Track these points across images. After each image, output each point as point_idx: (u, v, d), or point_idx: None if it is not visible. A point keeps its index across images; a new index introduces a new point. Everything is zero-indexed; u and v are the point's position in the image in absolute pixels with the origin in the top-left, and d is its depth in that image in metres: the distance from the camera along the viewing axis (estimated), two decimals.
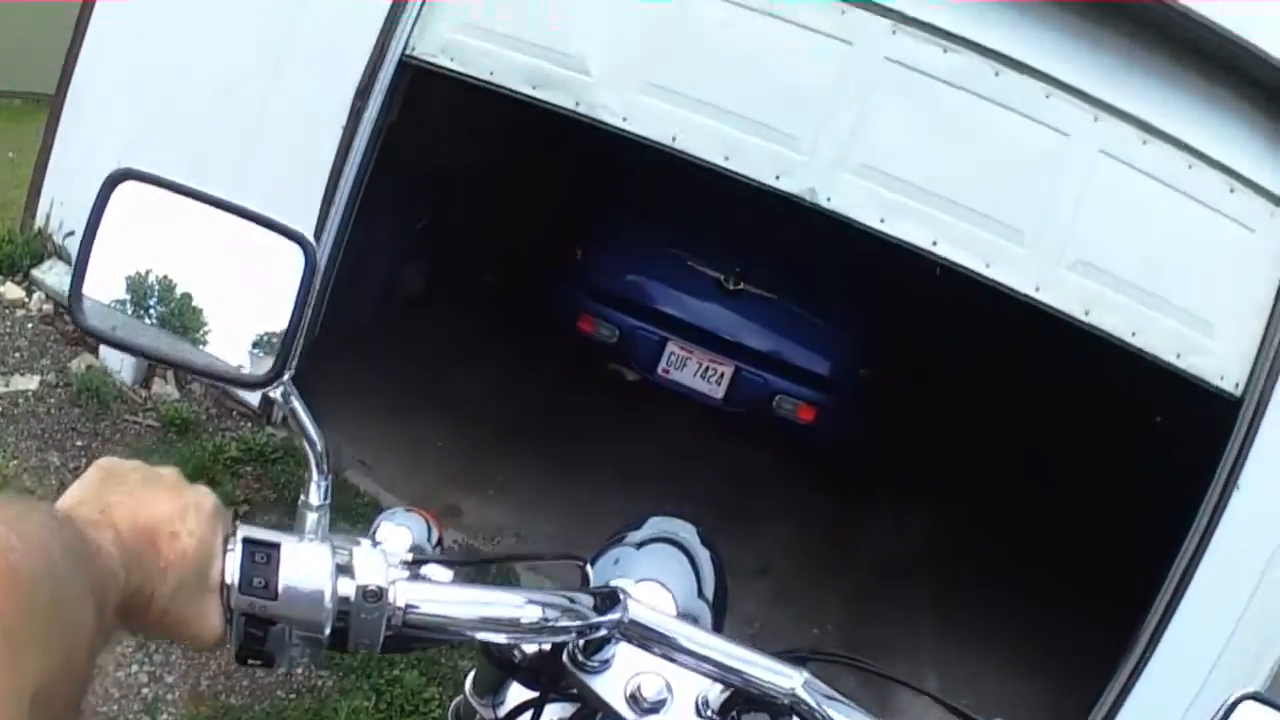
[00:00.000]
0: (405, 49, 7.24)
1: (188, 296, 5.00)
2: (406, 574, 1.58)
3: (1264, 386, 6.60)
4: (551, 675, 1.69)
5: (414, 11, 7.18)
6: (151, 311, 4.98)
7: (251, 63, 7.41)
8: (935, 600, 9.02)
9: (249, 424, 7.49)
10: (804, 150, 6.95)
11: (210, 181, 1.64)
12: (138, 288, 4.97)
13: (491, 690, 1.86)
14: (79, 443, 6.72)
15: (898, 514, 10.78)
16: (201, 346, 1.83)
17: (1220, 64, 6.71)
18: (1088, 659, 7.40)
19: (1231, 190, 6.83)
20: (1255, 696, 1.68)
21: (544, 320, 10.40)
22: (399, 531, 1.74)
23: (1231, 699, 1.67)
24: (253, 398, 7.36)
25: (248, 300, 1.69)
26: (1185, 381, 6.85)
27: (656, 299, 9.97)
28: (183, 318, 5.16)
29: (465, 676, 1.92)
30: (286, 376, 1.64)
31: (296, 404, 1.67)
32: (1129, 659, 6.75)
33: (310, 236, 1.64)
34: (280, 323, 1.66)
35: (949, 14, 6.85)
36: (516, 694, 1.79)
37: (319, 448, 1.67)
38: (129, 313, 1.89)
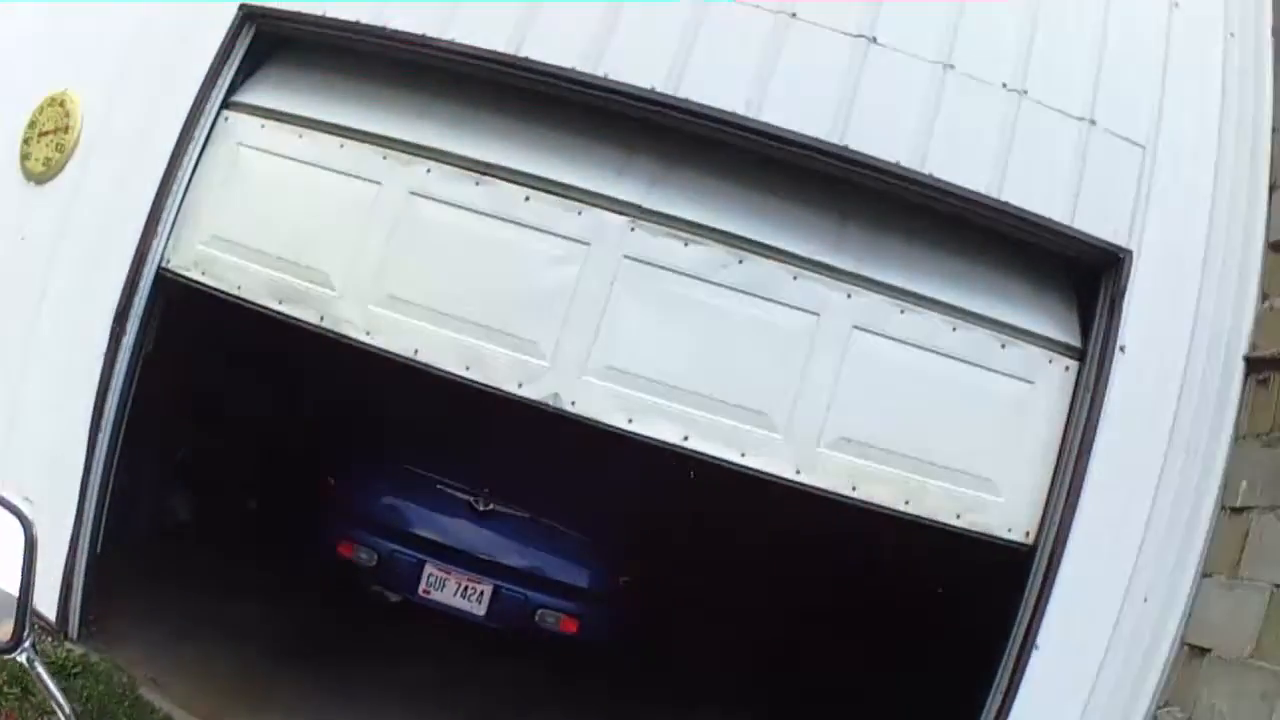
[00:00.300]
0: (161, 261, 7.24)
1: None
2: None
3: (1057, 532, 6.69)
4: None
5: (169, 222, 7.20)
6: None
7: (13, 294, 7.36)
8: None
9: (49, 639, 7.26)
10: (546, 356, 6.97)
11: None
12: None
13: None
14: None
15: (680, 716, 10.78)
16: None
17: (976, 225, 6.97)
18: None
19: (1003, 345, 7.02)
20: None
21: (307, 544, 10.40)
22: None
23: None
24: (50, 612, 7.18)
25: None
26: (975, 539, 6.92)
27: (411, 522, 10.02)
28: None
29: None
30: (27, 643, 1.57)
31: (41, 671, 1.65)
32: None
33: (27, 511, 1.58)
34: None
35: (689, 202, 7.02)
36: None
37: (66, 710, 1.60)
38: None
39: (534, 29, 7.02)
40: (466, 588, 9.70)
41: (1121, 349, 6.72)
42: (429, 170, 7.19)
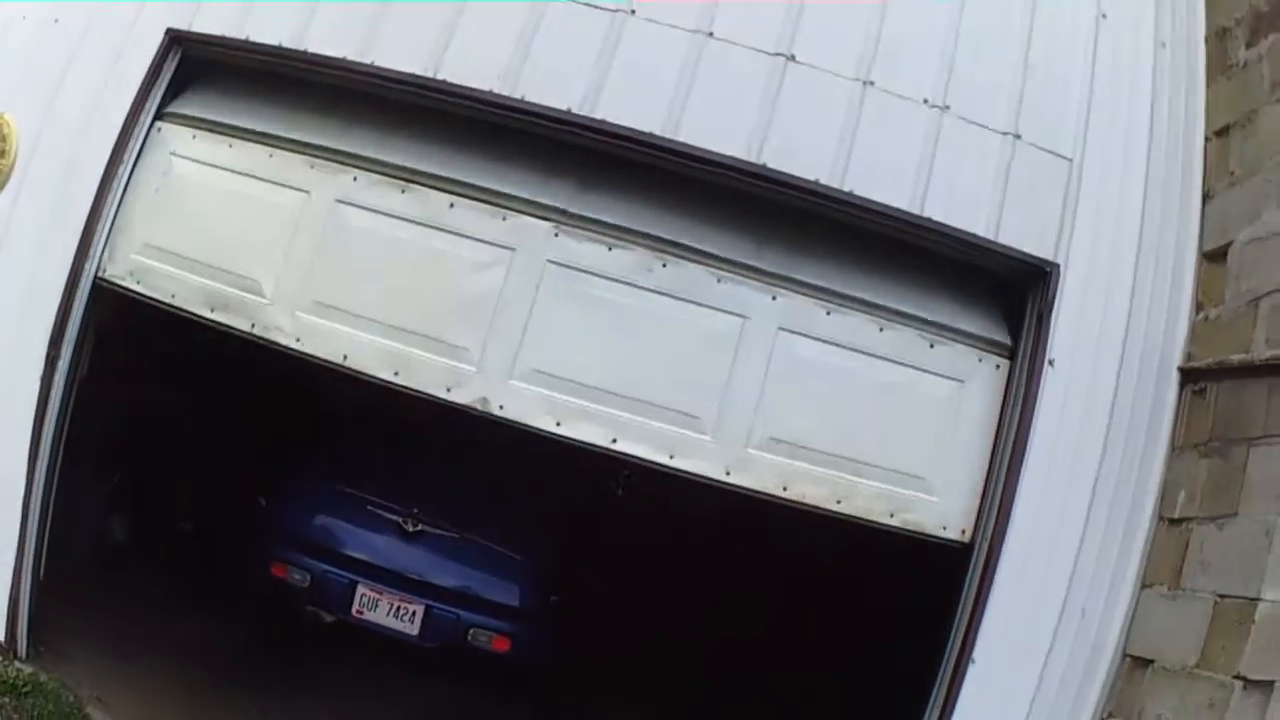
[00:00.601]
0: (99, 271, 7.23)
1: None
2: None
3: (993, 532, 6.68)
4: None
5: (105, 233, 7.20)
6: None
7: None
8: None
9: None
10: (473, 360, 7.00)
11: None
12: None
13: None
14: None
15: None
16: None
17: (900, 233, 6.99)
18: None
19: (932, 345, 7.06)
20: None
21: (241, 565, 10.38)
22: None
23: None
24: None
25: None
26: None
27: (342, 543, 10.05)
28: None
29: None
30: None
31: None
32: None
33: None
34: None
35: (612, 207, 7.08)
36: None
37: None
38: None
39: (452, 51, 7.10)
40: (399, 608, 9.73)
41: (1050, 362, 6.73)
42: (355, 178, 7.22)
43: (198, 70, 7.61)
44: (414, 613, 9.72)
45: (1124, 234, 6.91)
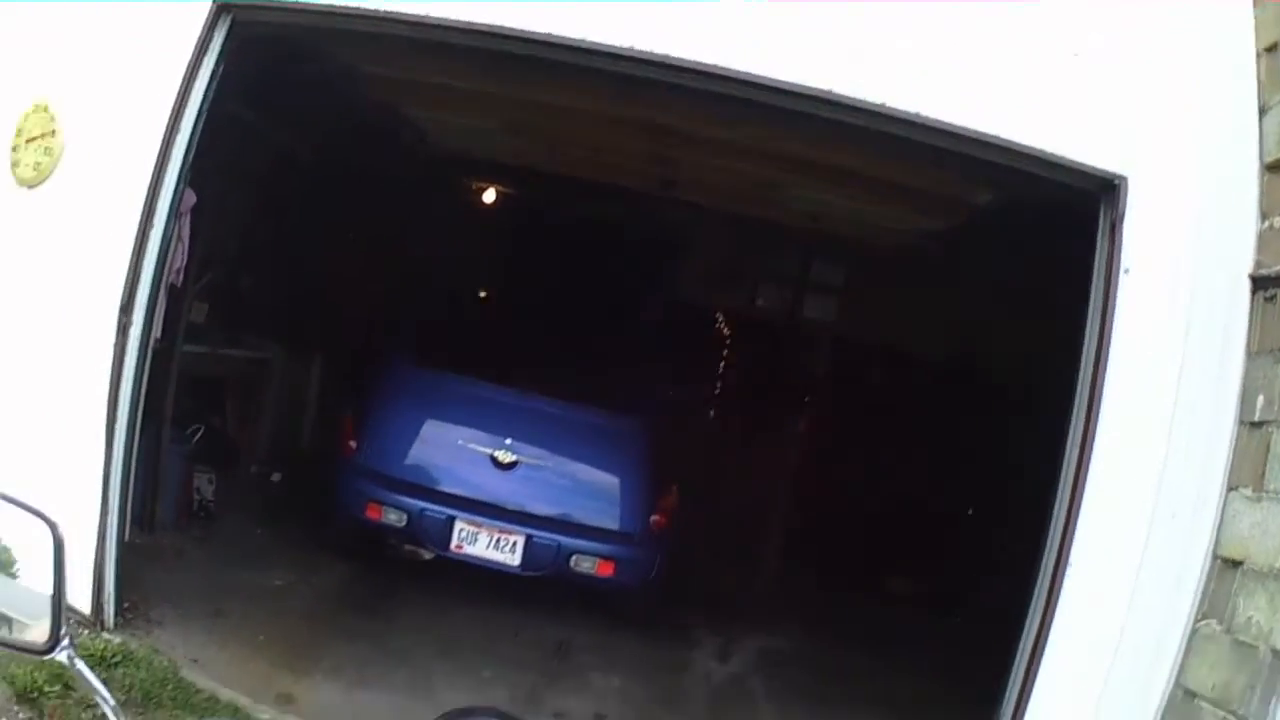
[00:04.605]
0: None
1: None
2: None
3: (1084, 432, 6.62)
4: None
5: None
6: None
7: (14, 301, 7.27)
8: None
9: (85, 630, 7.24)
10: None
11: None
12: None
13: None
14: None
15: (723, 644, 11.00)
16: None
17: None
18: None
19: None
20: None
21: (335, 512, 10.53)
22: None
23: None
24: (84, 604, 7.16)
25: None
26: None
27: (438, 480, 10.13)
28: None
29: None
30: (65, 641, 1.62)
31: (82, 667, 1.70)
32: None
33: (52, 516, 1.63)
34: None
35: None
36: None
37: (111, 703, 1.65)
38: None
39: None
40: (499, 539, 9.86)
41: (1126, 270, 6.70)
42: None
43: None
44: (514, 543, 9.86)
45: (1188, 143, 6.87)
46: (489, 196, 15.22)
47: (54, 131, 7.14)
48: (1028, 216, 8.31)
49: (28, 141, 7.14)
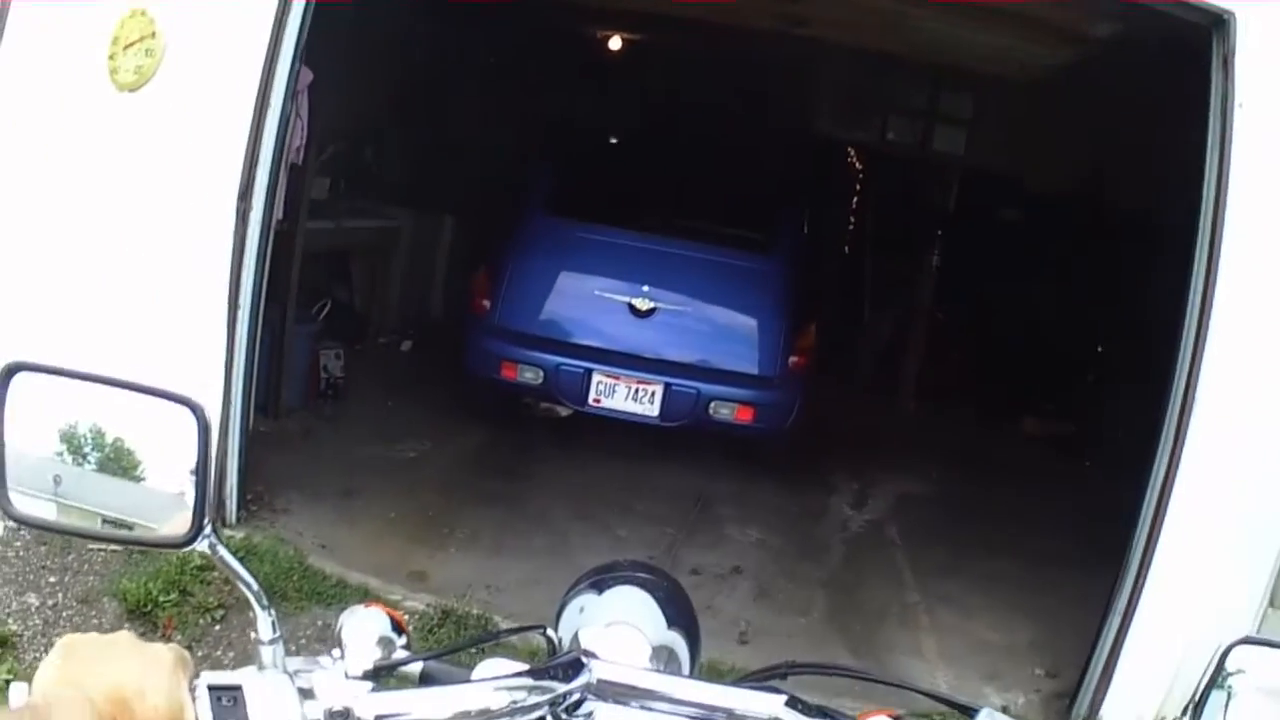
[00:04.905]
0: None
1: (119, 440, 5.07)
2: (370, 685, 1.62)
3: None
4: None
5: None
6: (90, 458, 5.08)
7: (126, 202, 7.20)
8: (913, 570, 9.10)
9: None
10: None
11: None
12: (71, 440, 5.03)
13: None
14: (51, 579, 6.65)
15: (859, 490, 11.03)
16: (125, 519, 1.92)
17: None
18: (1080, 601, 7.47)
19: None
20: (1247, 640, 1.76)
21: (468, 375, 10.47)
22: (362, 632, 1.75)
23: (1225, 645, 1.74)
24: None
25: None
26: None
27: (573, 333, 10.03)
28: (119, 460, 5.22)
29: None
30: (208, 529, 1.66)
31: (224, 553, 1.71)
32: (1118, 601, 6.67)
33: (196, 399, 1.67)
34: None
35: None
36: None
37: (254, 587, 1.69)
38: (57, 486, 1.99)
39: None
40: (637, 390, 9.81)
41: (1240, 105, 6.51)
42: None
43: None
44: (653, 393, 9.80)
45: None
46: (615, 44, 15.11)
47: (154, 33, 7.09)
48: (1150, 49, 8.11)
49: (126, 48, 7.11)
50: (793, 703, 1.65)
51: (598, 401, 9.84)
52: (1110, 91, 10.80)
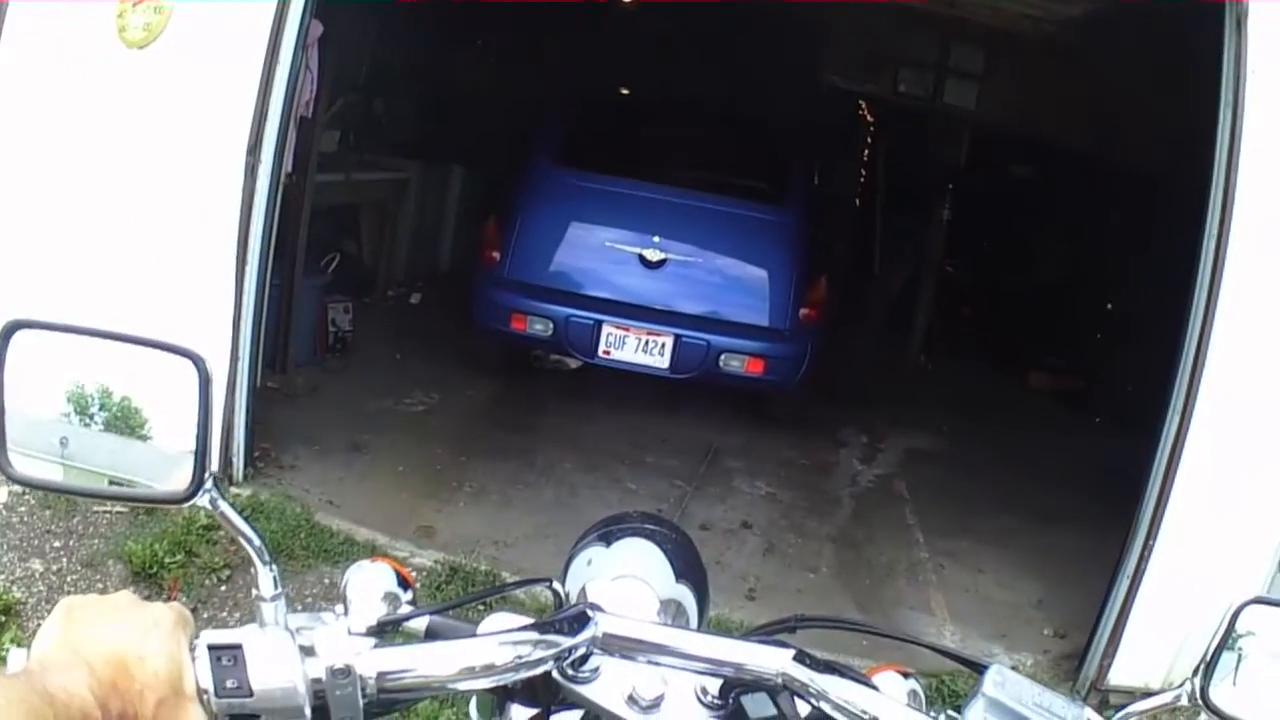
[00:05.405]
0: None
1: (126, 399, 5.09)
2: (373, 641, 1.62)
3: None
4: (548, 692, 1.70)
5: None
6: (96, 418, 5.11)
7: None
8: (921, 526, 9.10)
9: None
10: None
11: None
12: (79, 401, 5.05)
13: (495, 712, 1.84)
14: (56, 544, 6.62)
15: (869, 444, 11.10)
16: (131, 479, 1.93)
17: None
18: (1089, 559, 7.49)
19: None
20: (1259, 600, 1.73)
21: (477, 327, 10.43)
22: (367, 588, 1.77)
23: (1236, 605, 1.72)
24: (212, 458, 7.20)
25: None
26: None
27: (583, 285, 10.03)
28: (126, 419, 5.23)
29: (468, 702, 1.93)
30: (209, 483, 1.66)
31: (225, 508, 1.71)
32: (1127, 563, 6.63)
33: (198, 351, 1.68)
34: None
35: None
36: (519, 713, 1.78)
37: (256, 542, 1.70)
38: (64, 448, 2.01)
39: None
40: (647, 342, 9.77)
41: (1253, 72, 6.35)
42: None
43: None
44: (663, 344, 9.75)
45: None
46: None
47: (159, 7, 7.09)
48: (1162, 6, 8.06)
49: (135, 4, 7.09)
50: (801, 657, 1.64)
51: (607, 353, 9.80)
52: (1122, 49, 10.75)
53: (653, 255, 9.91)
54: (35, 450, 1.78)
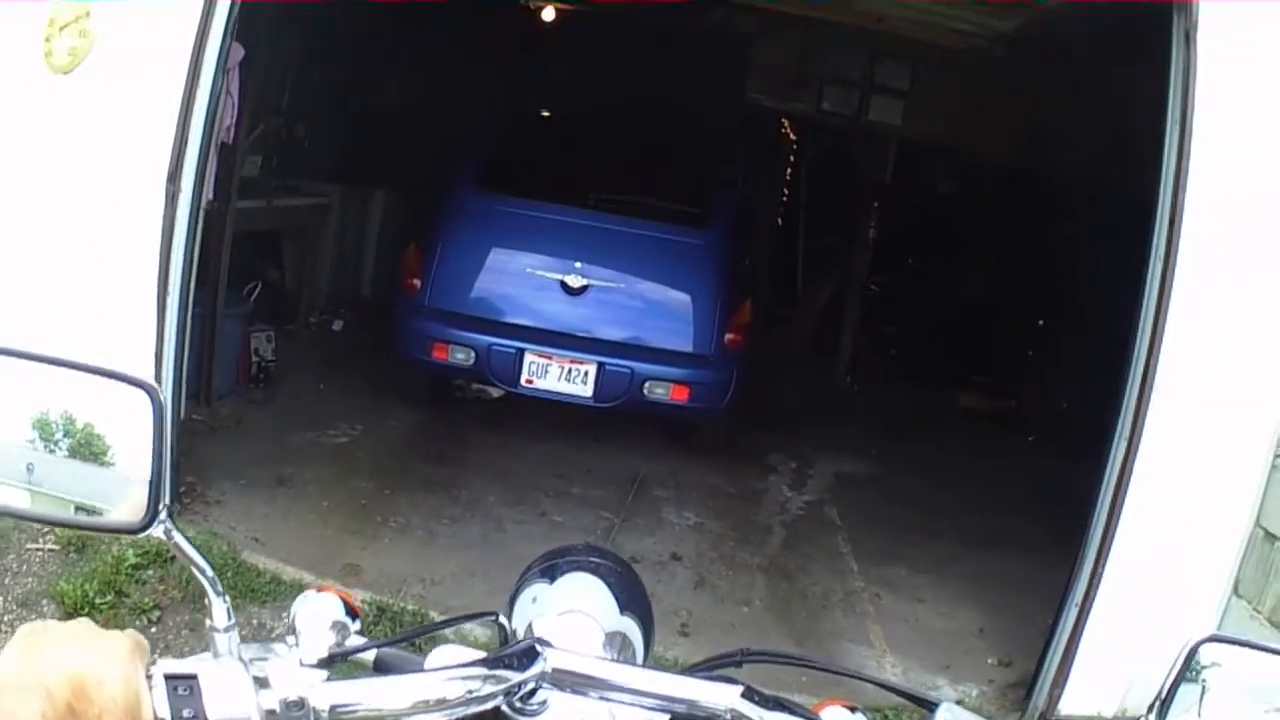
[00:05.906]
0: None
1: (89, 425, 4.89)
2: (325, 674, 1.62)
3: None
4: None
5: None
6: (61, 445, 4.93)
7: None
8: (855, 554, 9.04)
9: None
10: None
11: None
12: (44, 428, 4.82)
13: None
14: None
15: (798, 470, 11.04)
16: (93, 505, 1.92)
17: None
18: (1028, 585, 7.59)
19: None
20: (1215, 638, 1.73)
21: (399, 356, 10.30)
22: (316, 618, 1.76)
23: (1192, 643, 1.71)
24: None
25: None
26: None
27: (505, 312, 9.93)
28: (89, 446, 5.06)
29: None
30: (163, 514, 1.67)
31: (179, 539, 1.72)
32: (1075, 590, 6.58)
33: (153, 381, 1.61)
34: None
35: None
36: None
37: (209, 573, 1.68)
38: (30, 474, 1.94)
39: None
40: (570, 370, 9.66)
41: (1201, 81, 6.35)
42: None
43: None
44: (586, 373, 9.65)
45: None
46: (548, 15, 15.09)
47: (88, 13, 7.00)
48: (1097, 19, 8.06)
49: (61, 29, 7.01)
50: (749, 694, 1.64)
51: (530, 382, 9.70)
52: (1050, 64, 10.79)
53: (575, 281, 9.83)
54: (3, 477, 1.76)
